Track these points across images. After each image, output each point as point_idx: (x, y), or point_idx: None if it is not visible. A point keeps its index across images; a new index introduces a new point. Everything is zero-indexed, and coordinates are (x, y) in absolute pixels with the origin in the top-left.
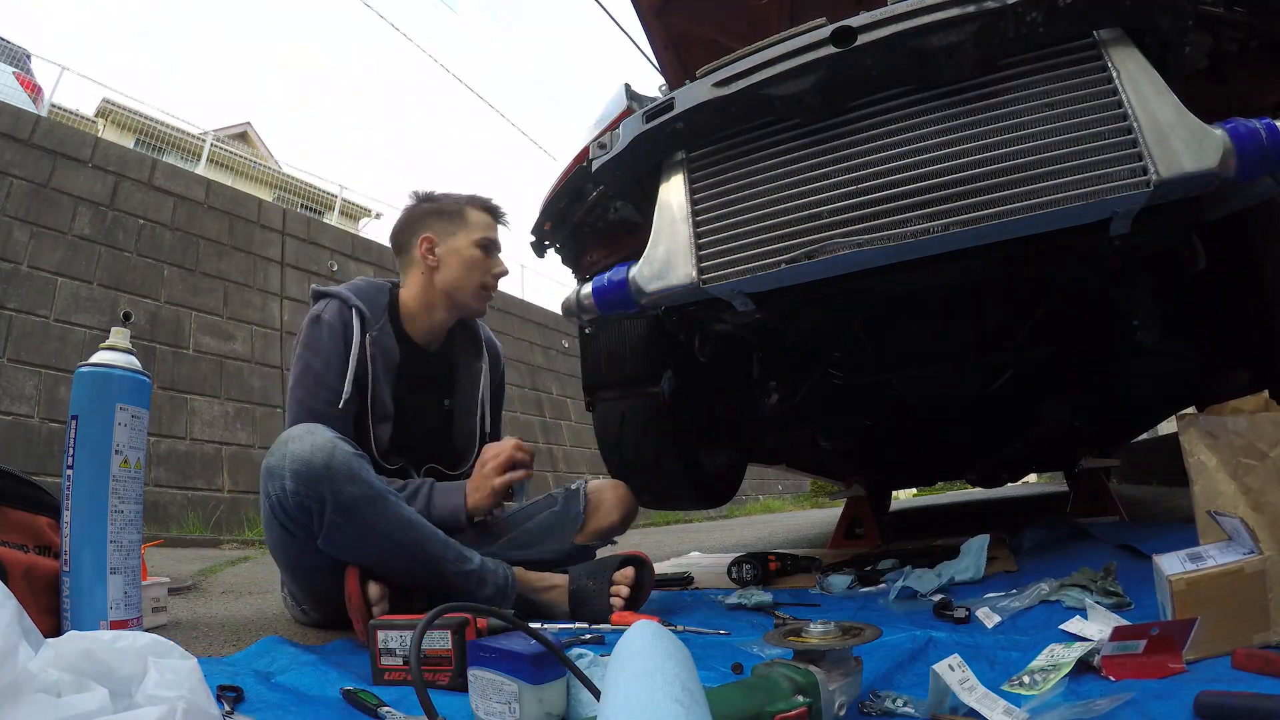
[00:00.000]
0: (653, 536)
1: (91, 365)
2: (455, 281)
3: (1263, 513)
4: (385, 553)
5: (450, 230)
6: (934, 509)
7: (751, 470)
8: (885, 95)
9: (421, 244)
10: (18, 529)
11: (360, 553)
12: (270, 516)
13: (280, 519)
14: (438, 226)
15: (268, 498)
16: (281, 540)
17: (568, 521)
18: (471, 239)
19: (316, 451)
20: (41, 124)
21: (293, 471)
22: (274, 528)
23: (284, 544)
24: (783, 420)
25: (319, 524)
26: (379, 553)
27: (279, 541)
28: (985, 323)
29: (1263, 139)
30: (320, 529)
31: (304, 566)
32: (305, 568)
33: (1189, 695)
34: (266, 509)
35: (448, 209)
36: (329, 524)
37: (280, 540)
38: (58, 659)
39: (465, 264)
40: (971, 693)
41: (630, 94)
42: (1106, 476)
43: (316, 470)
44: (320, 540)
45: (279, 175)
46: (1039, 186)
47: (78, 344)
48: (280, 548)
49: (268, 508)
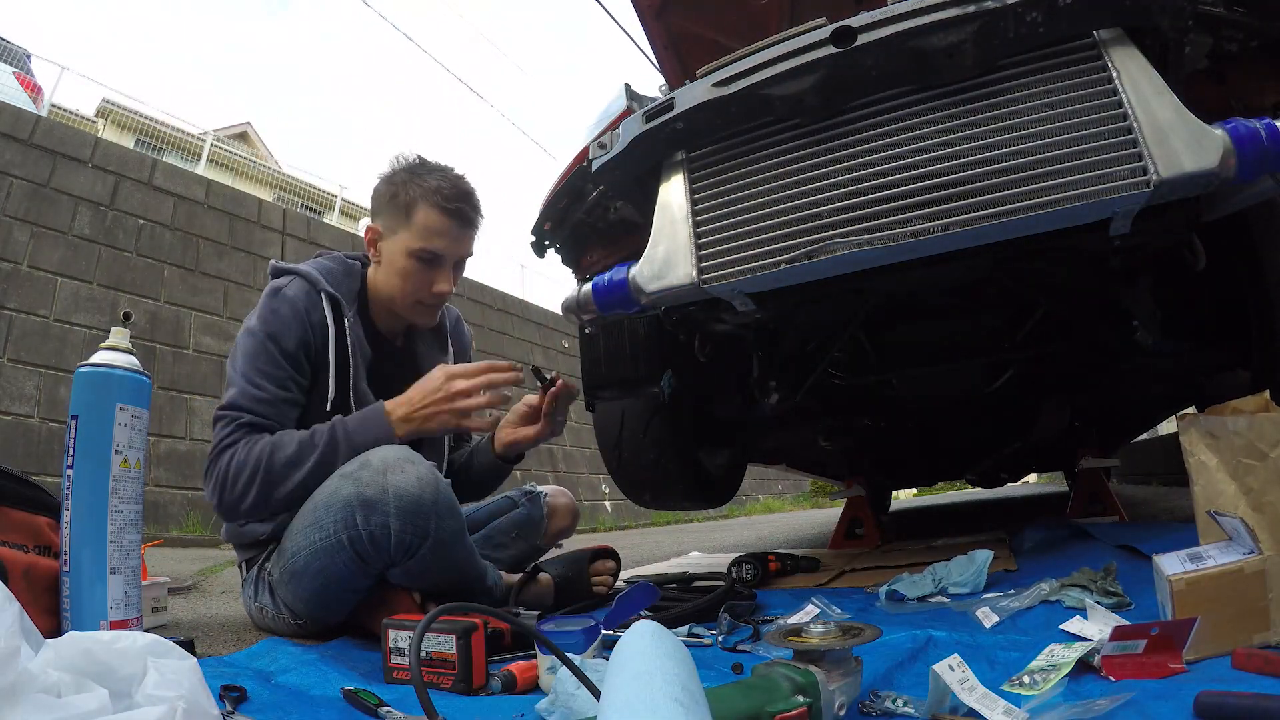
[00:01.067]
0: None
1: (91, 365)
2: (389, 288)
3: (1263, 513)
4: (446, 579)
5: (393, 226)
6: (934, 509)
7: (751, 470)
8: (885, 95)
9: (367, 233)
10: (17, 529)
11: (429, 581)
12: (341, 547)
13: (359, 550)
14: (386, 217)
15: (351, 529)
16: (345, 570)
17: (533, 524)
18: (409, 246)
19: (424, 487)
20: (41, 124)
21: (399, 509)
22: (339, 557)
23: (342, 573)
24: (783, 420)
25: (406, 557)
26: (444, 580)
27: (338, 572)
28: (985, 323)
29: (1263, 139)
30: (403, 561)
31: (347, 589)
32: (346, 590)
33: (1189, 695)
34: (341, 539)
35: (401, 199)
36: (420, 558)
37: (342, 570)
38: (57, 659)
39: (399, 272)
40: (971, 693)
41: (630, 94)
42: (1106, 476)
43: (425, 507)
44: (397, 571)
45: (279, 175)
46: (1039, 187)
47: (78, 344)
48: (333, 576)
49: (346, 539)
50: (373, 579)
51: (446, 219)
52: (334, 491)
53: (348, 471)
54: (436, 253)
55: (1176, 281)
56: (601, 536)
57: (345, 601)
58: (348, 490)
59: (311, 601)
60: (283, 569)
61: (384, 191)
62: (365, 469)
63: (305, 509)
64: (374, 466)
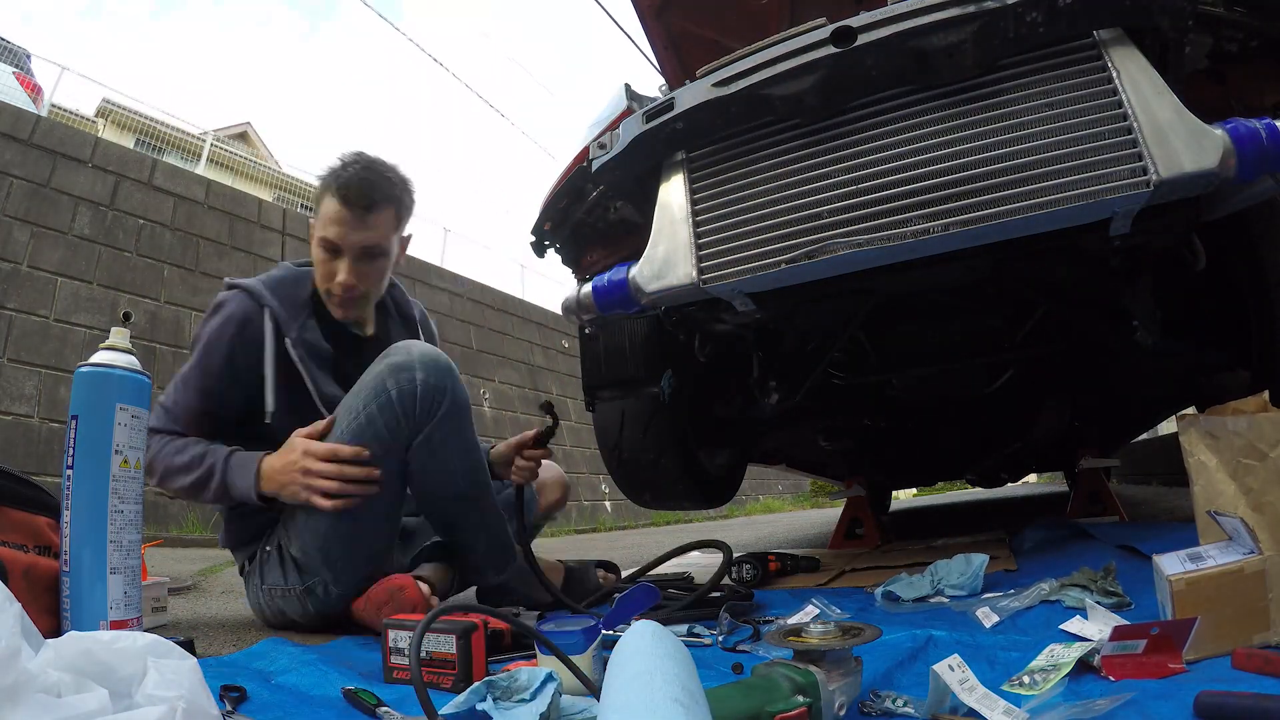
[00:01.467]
0: (653, 536)
1: (91, 365)
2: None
3: (1263, 513)
4: (461, 468)
5: (314, 218)
6: (934, 509)
7: (751, 470)
8: (885, 95)
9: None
10: (17, 529)
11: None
12: (371, 419)
13: (387, 419)
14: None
15: (380, 395)
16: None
17: (525, 501)
18: (316, 236)
19: (439, 354)
20: (41, 124)
21: (422, 363)
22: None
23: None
24: (783, 420)
25: (429, 416)
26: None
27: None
28: (985, 323)
29: (1263, 139)
30: (427, 424)
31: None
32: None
33: (1189, 695)
34: (371, 410)
35: (319, 190)
36: (439, 420)
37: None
38: (57, 659)
39: (316, 263)
40: (971, 693)
41: (630, 94)
42: (1106, 476)
43: (443, 365)
44: (418, 443)
45: (279, 175)
46: (1039, 187)
47: (78, 344)
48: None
49: (376, 408)
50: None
51: (343, 207)
52: (363, 381)
53: (377, 360)
54: (333, 240)
55: (1177, 281)
56: (601, 536)
57: (364, 530)
58: (377, 368)
59: (329, 531)
60: (298, 524)
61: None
62: (393, 351)
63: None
64: (400, 347)
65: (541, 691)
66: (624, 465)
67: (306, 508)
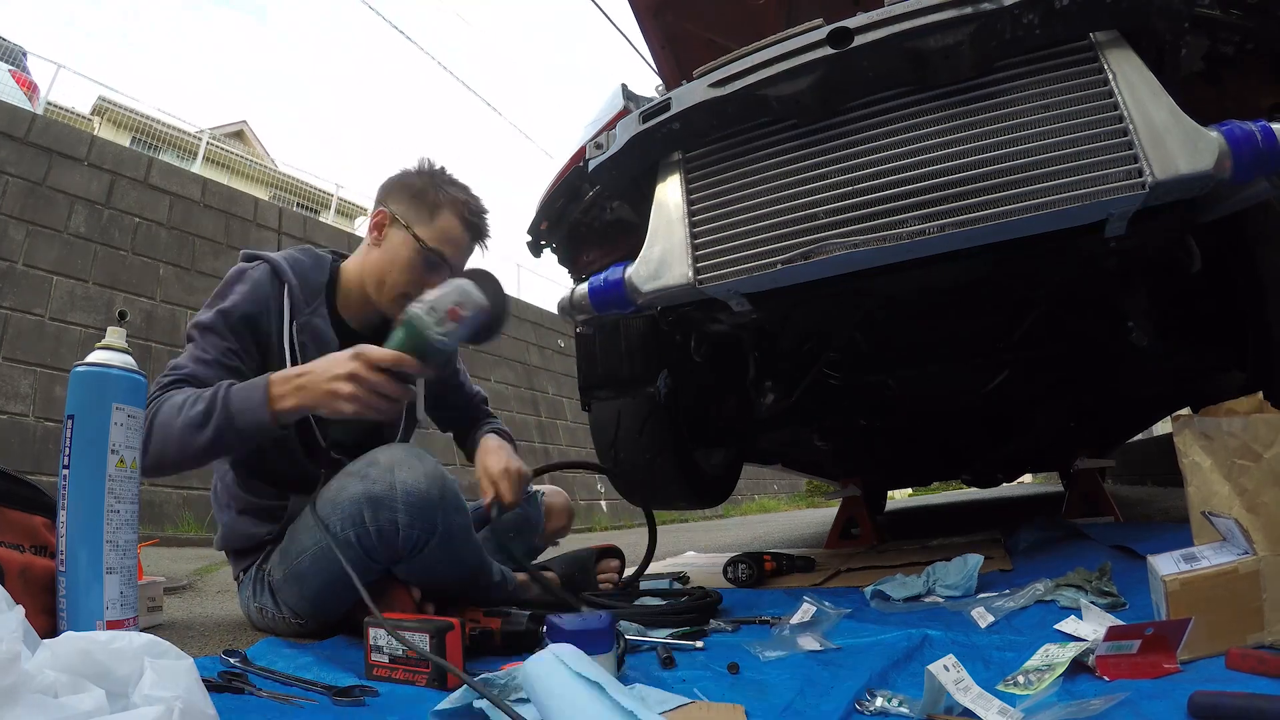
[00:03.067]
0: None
1: (87, 364)
2: (381, 271)
3: (1257, 514)
4: (453, 575)
5: (412, 217)
6: (929, 509)
7: (747, 470)
8: (882, 96)
9: (376, 214)
10: (13, 529)
11: (436, 576)
12: (348, 544)
13: (366, 546)
14: (402, 205)
15: (358, 525)
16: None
17: (530, 524)
18: (420, 242)
19: (431, 482)
20: (37, 122)
21: (406, 505)
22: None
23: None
24: (779, 420)
25: (413, 553)
26: (449, 575)
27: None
28: (981, 323)
29: (1258, 141)
30: (410, 557)
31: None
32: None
33: (1183, 695)
34: (349, 537)
35: (427, 195)
36: (427, 554)
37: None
38: (54, 660)
39: (400, 263)
40: (966, 693)
41: (627, 94)
42: (1102, 477)
43: (432, 501)
44: (402, 567)
45: (275, 174)
46: (1035, 188)
47: (73, 343)
48: (338, 575)
49: (353, 536)
50: (376, 576)
51: (466, 232)
52: (340, 489)
53: (354, 470)
54: (446, 258)
55: (1172, 283)
56: (598, 536)
57: (348, 600)
58: (355, 488)
59: (315, 600)
60: (285, 571)
61: (413, 183)
62: (373, 466)
63: (309, 509)
64: (381, 464)
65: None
66: (620, 465)
67: (297, 571)
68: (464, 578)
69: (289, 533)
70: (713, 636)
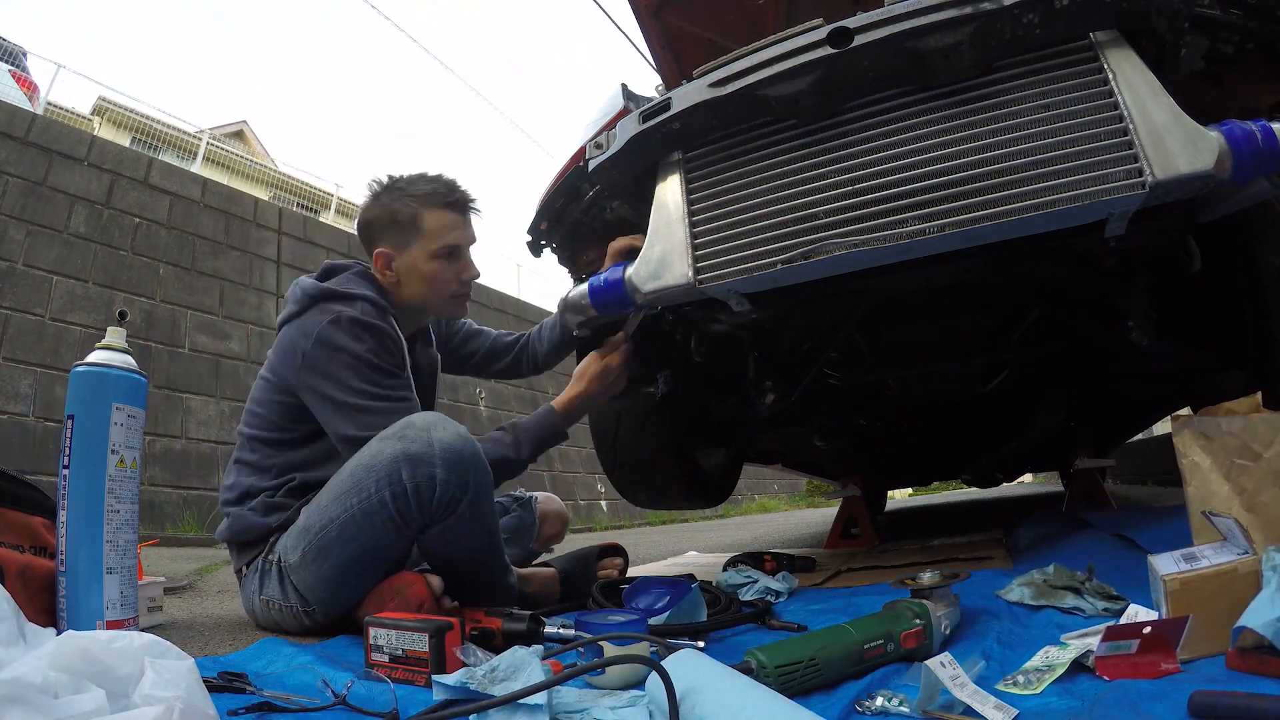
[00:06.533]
0: (649, 536)
1: (87, 364)
2: (420, 298)
3: (1257, 513)
4: (477, 543)
5: (404, 243)
6: (929, 509)
7: (747, 470)
8: (882, 96)
9: (377, 260)
10: (13, 529)
11: (461, 547)
12: (381, 506)
13: (400, 507)
14: (392, 238)
15: (395, 485)
16: (380, 535)
17: (525, 530)
18: (429, 250)
19: (465, 440)
20: (37, 122)
21: (444, 460)
22: (377, 518)
23: (377, 539)
24: (779, 420)
25: (446, 513)
26: (473, 545)
27: (373, 538)
28: (981, 323)
29: (1258, 141)
30: (442, 519)
31: (379, 560)
32: (377, 561)
33: (1183, 695)
34: (383, 497)
35: (402, 216)
36: (458, 515)
37: (377, 535)
38: (54, 660)
39: (426, 279)
40: (963, 689)
41: (627, 94)
42: (1101, 476)
43: (467, 458)
44: (433, 532)
45: (275, 174)
46: (1035, 188)
47: (73, 343)
48: (366, 544)
49: (388, 496)
50: (405, 548)
51: (452, 213)
52: (375, 454)
53: (389, 434)
54: (455, 245)
55: (1172, 283)
56: (598, 536)
57: (369, 579)
58: (392, 448)
59: (336, 580)
60: (306, 548)
61: (380, 215)
62: (409, 428)
63: (336, 479)
64: (417, 425)
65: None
66: (620, 465)
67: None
68: (483, 551)
69: (306, 511)
70: (711, 635)
